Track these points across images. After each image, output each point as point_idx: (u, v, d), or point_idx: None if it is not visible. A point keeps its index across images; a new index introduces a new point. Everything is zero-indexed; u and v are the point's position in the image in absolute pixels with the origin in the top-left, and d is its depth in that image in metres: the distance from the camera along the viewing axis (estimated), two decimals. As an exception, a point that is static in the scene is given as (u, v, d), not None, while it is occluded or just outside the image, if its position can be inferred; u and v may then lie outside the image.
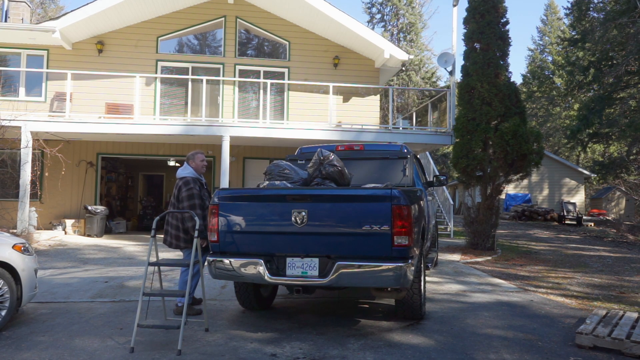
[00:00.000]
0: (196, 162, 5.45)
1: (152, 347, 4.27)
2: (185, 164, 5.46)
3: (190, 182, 5.28)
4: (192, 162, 5.45)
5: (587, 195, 32.85)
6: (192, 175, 5.36)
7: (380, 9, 39.40)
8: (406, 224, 4.30)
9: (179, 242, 5.27)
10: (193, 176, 5.36)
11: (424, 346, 4.36)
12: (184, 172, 5.38)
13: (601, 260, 11.03)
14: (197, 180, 5.37)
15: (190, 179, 5.30)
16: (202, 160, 5.51)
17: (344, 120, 14.36)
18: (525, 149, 10.49)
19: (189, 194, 5.22)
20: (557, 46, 38.63)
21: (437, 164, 34.73)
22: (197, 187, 5.28)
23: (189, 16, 14.81)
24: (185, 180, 5.29)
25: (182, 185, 5.28)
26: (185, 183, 5.27)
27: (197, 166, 5.44)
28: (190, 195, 5.22)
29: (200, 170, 5.47)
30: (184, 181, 5.29)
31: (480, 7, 11.21)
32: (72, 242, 11.94)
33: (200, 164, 5.47)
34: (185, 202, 5.18)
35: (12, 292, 4.72)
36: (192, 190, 5.23)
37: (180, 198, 5.23)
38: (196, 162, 5.45)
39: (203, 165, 5.50)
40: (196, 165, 5.44)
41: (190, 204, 5.17)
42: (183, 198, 5.21)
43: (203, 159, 5.53)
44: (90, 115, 12.78)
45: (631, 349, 4.16)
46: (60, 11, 37.87)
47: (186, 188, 5.23)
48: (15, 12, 15.13)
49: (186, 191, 5.22)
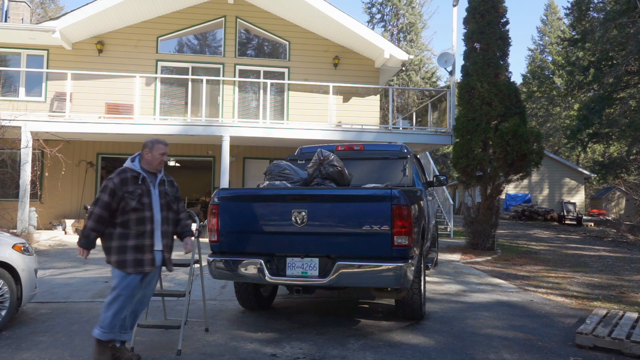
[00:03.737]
0: (153, 154, 3.98)
1: (152, 347, 4.27)
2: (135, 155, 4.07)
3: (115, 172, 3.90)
4: (148, 153, 3.98)
5: (587, 195, 32.86)
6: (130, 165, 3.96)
7: (380, 9, 39.40)
8: (406, 224, 4.30)
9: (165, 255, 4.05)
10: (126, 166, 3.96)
11: (424, 346, 4.36)
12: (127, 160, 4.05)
13: (601, 260, 11.03)
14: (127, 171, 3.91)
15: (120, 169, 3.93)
16: (161, 153, 4.00)
17: (344, 120, 14.36)
18: (525, 149, 10.49)
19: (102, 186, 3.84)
20: (557, 46, 38.64)
21: (437, 164, 34.74)
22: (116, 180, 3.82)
23: (189, 16, 14.81)
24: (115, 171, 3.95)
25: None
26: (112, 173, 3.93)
27: (152, 159, 3.98)
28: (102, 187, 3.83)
29: (152, 165, 3.99)
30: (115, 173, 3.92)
31: (480, 7, 11.21)
32: (72, 242, 11.92)
33: (158, 157, 3.99)
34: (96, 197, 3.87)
35: (12, 292, 4.72)
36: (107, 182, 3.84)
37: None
38: (153, 153, 3.98)
39: (161, 161, 4.01)
40: (151, 158, 3.98)
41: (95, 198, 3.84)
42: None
43: (164, 151, 4.02)
44: (90, 115, 12.79)
45: (631, 349, 4.16)
46: (60, 11, 37.88)
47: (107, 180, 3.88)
48: (15, 12, 15.13)
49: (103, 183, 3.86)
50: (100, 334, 3.74)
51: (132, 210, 3.81)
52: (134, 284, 3.84)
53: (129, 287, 3.81)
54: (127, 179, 3.86)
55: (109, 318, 3.75)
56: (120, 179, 3.84)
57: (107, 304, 3.78)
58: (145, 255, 3.85)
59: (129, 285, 3.81)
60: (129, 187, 3.83)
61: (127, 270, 3.79)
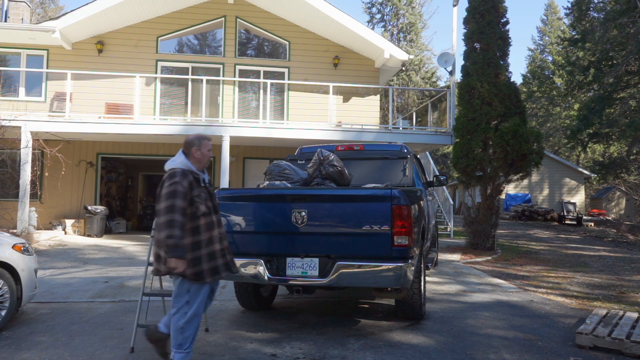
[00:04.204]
0: (202, 152, 3.75)
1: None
2: (179, 152, 3.77)
3: (177, 175, 3.57)
4: (197, 151, 3.73)
5: (587, 195, 32.86)
6: (183, 166, 3.66)
7: (380, 9, 39.40)
8: (406, 224, 4.30)
9: (160, 265, 3.59)
10: (183, 168, 3.65)
11: (424, 346, 4.36)
12: (173, 161, 3.71)
13: (601, 260, 11.03)
14: (186, 173, 3.62)
15: (178, 171, 3.60)
16: (209, 149, 3.81)
17: (344, 120, 14.36)
18: (525, 149, 10.49)
19: (169, 191, 3.50)
20: (557, 46, 38.64)
21: (437, 164, 34.74)
22: (185, 183, 3.54)
23: (189, 16, 14.81)
24: (171, 172, 3.62)
25: (165, 179, 3.61)
26: (170, 176, 3.59)
27: (202, 157, 3.75)
28: (170, 192, 3.50)
29: (202, 163, 3.77)
30: (170, 173, 3.62)
31: (480, 7, 11.21)
32: (72, 242, 11.93)
33: (207, 154, 3.78)
34: (162, 203, 3.50)
35: (12, 292, 4.72)
36: (175, 185, 3.51)
37: (159, 196, 3.58)
38: (202, 151, 3.75)
39: (208, 159, 3.82)
40: (201, 155, 3.75)
41: (167, 204, 3.47)
42: (161, 197, 3.54)
43: (210, 148, 3.82)
44: (90, 115, 12.78)
45: (631, 349, 4.16)
46: (60, 11, 37.88)
47: (169, 182, 3.54)
48: (15, 12, 15.13)
49: (168, 187, 3.52)
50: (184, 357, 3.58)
51: (202, 216, 3.61)
52: (207, 294, 3.72)
53: (203, 299, 3.68)
54: (192, 181, 3.62)
55: (190, 338, 3.60)
56: (188, 182, 3.58)
57: (184, 324, 3.56)
58: (218, 261, 3.67)
59: (204, 297, 3.68)
60: (195, 191, 3.61)
61: (205, 281, 3.61)
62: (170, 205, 3.46)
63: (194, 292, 3.61)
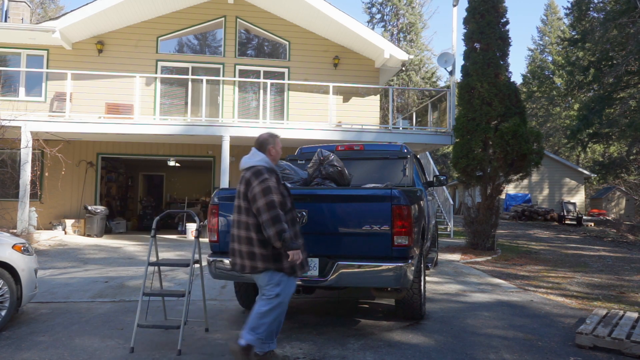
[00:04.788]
0: (277, 149, 3.89)
1: (152, 347, 4.27)
2: (254, 151, 3.83)
3: (264, 172, 3.66)
4: (273, 149, 3.85)
5: (587, 195, 32.86)
6: (266, 164, 3.75)
7: (380, 9, 39.40)
8: (406, 224, 4.30)
9: (255, 262, 3.66)
10: (267, 165, 3.75)
11: (424, 346, 4.36)
12: (253, 159, 3.76)
13: (601, 260, 11.03)
14: (272, 170, 3.74)
15: (263, 169, 3.68)
16: (281, 146, 3.96)
17: (344, 120, 14.37)
18: (525, 149, 10.49)
19: (264, 188, 3.56)
20: (557, 46, 38.64)
21: (437, 164, 34.74)
22: (273, 179, 3.66)
23: (189, 16, 14.81)
24: (255, 170, 3.67)
25: (251, 177, 3.64)
26: (257, 173, 3.64)
27: (277, 154, 3.90)
28: (265, 189, 3.56)
29: (276, 160, 3.94)
30: (254, 171, 3.66)
31: (480, 7, 11.21)
32: (72, 242, 11.94)
33: (280, 151, 3.94)
34: (259, 201, 3.55)
35: (12, 292, 4.73)
36: (267, 182, 3.59)
37: (252, 195, 3.60)
38: (277, 148, 3.89)
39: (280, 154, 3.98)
40: (276, 153, 3.89)
41: (267, 201, 3.53)
42: (256, 195, 3.57)
43: (281, 144, 3.98)
44: (90, 115, 12.79)
45: (631, 349, 4.16)
46: (60, 11, 37.88)
47: (259, 180, 3.60)
48: (15, 12, 15.14)
49: (259, 184, 3.58)
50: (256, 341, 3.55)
51: (289, 211, 3.71)
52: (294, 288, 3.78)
53: (291, 292, 3.74)
54: (278, 178, 3.74)
55: (266, 325, 3.59)
56: (276, 179, 3.70)
57: (265, 311, 3.59)
58: (303, 255, 3.71)
59: (292, 290, 3.73)
60: (280, 187, 3.71)
61: (297, 274, 3.70)
62: (269, 202, 3.54)
63: (285, 285, 3.68)
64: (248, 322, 3.66)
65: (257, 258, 3.64)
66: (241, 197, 3.70)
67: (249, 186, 3.64)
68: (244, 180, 3.70)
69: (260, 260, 3.63)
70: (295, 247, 3.55)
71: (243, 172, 3.76)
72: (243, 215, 3.69)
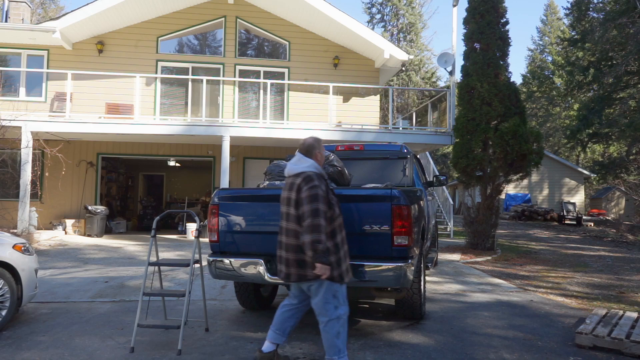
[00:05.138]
0: (322, 153, 3.83)
1: (152, 347, 4.28)
2: (300, 156, 3.75)
3: (315, 178, 3.58)
4: (319, 153, 3.79)
5: (587, 195, 32.87)
6: (316, 170, 3.68)
7: (380, 9, 39.39)
8: (406, 224, 4.30)
9: (305, 271, 3.55)
10: (317, 171, 3.67)
11: (424, 346, 4.36)
12: (301, 165, 3.68)
13: (601, 260, 11.04)
14: (322, 177, 3.68)
15: (313, 175, 3.60)
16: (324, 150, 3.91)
17: (344, 120, 14.37)
18: (525, 149, 10.50)
19: (312, 195, 3.50)
20: (557, 46, 38.64)
21: (437, 164, 34.75)
22: (323, 186, 3.58)
23: (189, 16, 14.82)
24: (306, 176, 3.59)
25: (302, 183, 3.57)
26: (307, 179, 3.57)
27: (322, 158, 3.84)
28: (313, 196, 3.49)
29: (322, 164, 3.87)
30: (305, 177, 3.59)
31: (480, 7, 11.22)
32: (73, 242, 11.94)
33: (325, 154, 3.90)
34: (305, 206, 3.49)
35: (13, 292, 4.73)
36: (316, 189, 3.51)
37: (300, 200, 3.54)
38: (322, 152, 3.83)
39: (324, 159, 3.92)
40: (321, 157, 3.82)
41: (312, 208, 3.46)
42: (303, 200, 3.51)
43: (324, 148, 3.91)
44: (90, 115, 12.79)
45: (631, 349, 4.16)
46: (61, 11, 37.88)
47: (308, 186, 3.53)
48: (16, 12, 15.14)
49: (308, 190, 3.51)
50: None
51: (337, 217, 3.67)
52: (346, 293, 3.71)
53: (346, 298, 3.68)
54: (327, 184, 3.68)
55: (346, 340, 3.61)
56: (325, 185, 3.62)
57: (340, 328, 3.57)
58: (345, 263, 3.68)
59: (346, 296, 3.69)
60: (329, 194, 3.66)
61: (344, 281, 3.66)
62: (315, 209, 3.46)
63: (340, 294, 3.63)
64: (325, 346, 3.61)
65: (307, 266, 3.53)
66: (292, 204, 3.59)
67: (300, 193, 3.55)
68: (295, 187, 3.59)
69: (310, 268, 3.52)
70: (326, 262, 3.45)
71: (291, 179, 3.67)
72: (292, 223, 3.59)
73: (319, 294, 3.59)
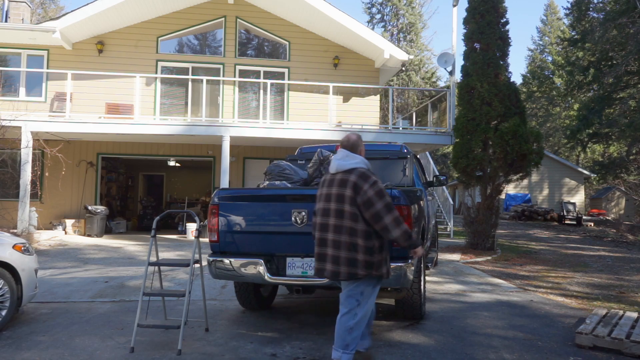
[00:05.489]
0: (364, 150, 3.79)
1: (152, 347, 4.28)
2: (346, 152, 3.65)
3: (370, 174, 3.54)
4: (363, 150, 3.75)
5: (587, 195, 32.86)
6: (366, 165, 3.62)
7: (380, 9, 39.39)
8: (406, 223, 4.30)
9: (355, 269, 3.48)
10: (368, 167, 3.63)
11: (424, 346, 4.36)
12: (351, 161, 3.59)
13: (601, 260, 11.04)
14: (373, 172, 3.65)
15: (367, 171, 3.56)
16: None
17: (344, 120, 14.37)
18: (525, 149, 10.50)
19: (378, 191, 3.46)
20: (557, 46, 38.64)
21: (437, 164, 34.74)
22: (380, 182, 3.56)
23: (189, 16, 14.81)
24: (361, 173, 3.52)
25: (359, 180, 3.48)
26: (364, 176, 3.50)
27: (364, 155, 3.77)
28: (380, 192, 3.45)
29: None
30: (360, 174, 3.51)
31: (480, 7, 11.22)
32: (73, 242, 11.94)
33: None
34: (377, 204, 3.42)
35: (13, 292, 4.73)
36: (378, 184, 3.50)
37: (366, 199, 3.44)
38: (363, 148, 3.78)
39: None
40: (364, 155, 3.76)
41: (385, 203, 3.44)
42: (372, 198, 3.43)
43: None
44: (90, 115, 12.79)
45: (631, 349, 4.16)
46: (60, 11, 37.88)
47: (369, 183, 3.46)
48: (16, 12, 15.14)
49: (372, 187, 3.45)
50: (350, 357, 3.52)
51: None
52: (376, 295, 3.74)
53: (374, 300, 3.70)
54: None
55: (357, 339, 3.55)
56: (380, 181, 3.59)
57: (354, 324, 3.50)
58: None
59: (375, 298, 3.69)
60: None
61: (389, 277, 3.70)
62: (388, 204, 3.47)
63: (367, 294, 3.59)
64: (336, 337, 3.55)
65: (358, 265, 3.46)
66: (346, 200, 3.47)
67: (357, 190, 3.45)
68: (349, 184, 3.48)
69: (362, 267, 3.46)
70: (419, 244, 3.67)
71: (341, 175, 3.55)
72: (347, 220, 3.48)
73: (348, 288, 3.59)
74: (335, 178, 3.60)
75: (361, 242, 3.46)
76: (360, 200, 3.45)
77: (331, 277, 3.57)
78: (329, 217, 3.57)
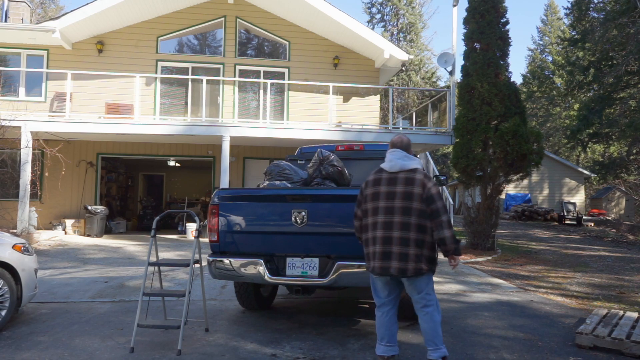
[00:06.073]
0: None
1: (152, 347, 4.27)
2: (404, 152, 3.82)
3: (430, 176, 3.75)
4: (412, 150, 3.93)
5: (587, 195, 32.85)
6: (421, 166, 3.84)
7: (380, 9, 39.38)
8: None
9: (421, 265, 3.62)
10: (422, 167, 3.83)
11: (424, 346, 4.34)
12: (413, 161, 3.77)
13: (601, 260, 11.03)
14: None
15: (426, 172, 3.77)
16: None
17: (344, 120, 14.36)
18: (525, 149, 10.50)
19: (438, 191, 3.67)
20: (557, 46, 38.65)
21: (437, 164, 34.75)
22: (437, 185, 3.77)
23: (189, 16, 14.81)
24: (425, 173, 3.73)
25: (425, 179, 3.65)
26: (427, 176, 3.70)
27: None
28: (439, 192, 3.67)
29: None
30: (425, 174, 3.71)
31: (480, 7, 11.22)
32: (72, 242, 11.94)
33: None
34: (438, 202, 3.59)
35: (12, 292, 4.73)
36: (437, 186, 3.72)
37: (429, 196, 3.58)
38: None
39: None
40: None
41: (443, 204, 3.64)
42: (434, 196, 3.59)
43: None
44: (90, 115, 12.79)
45: (631, 349, 4.16)
46: (60, 11, 37.88)
47: (433, 183, 3.66)
48: (16, 12, 15.13)
49: (434, 187, 3.64)
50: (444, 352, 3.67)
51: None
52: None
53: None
54: None
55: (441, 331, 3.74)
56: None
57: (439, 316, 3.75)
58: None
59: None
60: None
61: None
62: (445, 206, 3.64)
63: (432, 287, 3.80)
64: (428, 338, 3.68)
65: (422, 260, 3.61)
66: (415, 198, 3.59)
67: (424, 188, 3.59)
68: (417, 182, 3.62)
69: (425, 262, 3.62)
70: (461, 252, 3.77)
71: (405, 174, 3.67)
72: (415, 217, 3.58)
73: (422, 287, 3.70)
74: (398, 177, 3.69)
75: (428, 239, 3.63)
76: (425, 196, 3.61)
77: (398, 274, 3.61)
78: (393, 214, 3.63)
